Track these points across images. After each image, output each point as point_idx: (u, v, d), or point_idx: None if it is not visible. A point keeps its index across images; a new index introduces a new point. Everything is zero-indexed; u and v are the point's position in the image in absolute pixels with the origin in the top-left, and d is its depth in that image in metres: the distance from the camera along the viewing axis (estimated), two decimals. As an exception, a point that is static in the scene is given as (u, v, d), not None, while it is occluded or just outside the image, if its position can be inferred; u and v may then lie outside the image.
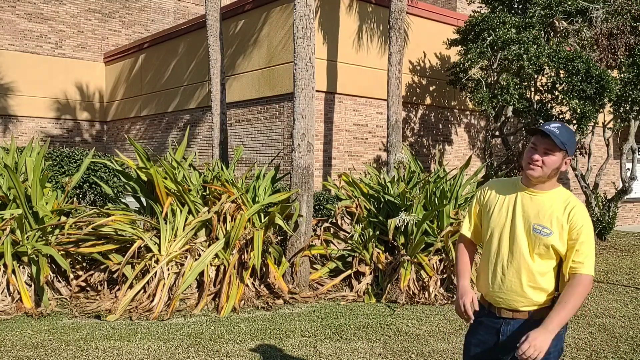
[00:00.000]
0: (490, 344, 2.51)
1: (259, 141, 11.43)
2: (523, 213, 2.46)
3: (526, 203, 2.47)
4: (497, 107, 10.04)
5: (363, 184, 8.12)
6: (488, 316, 2.54)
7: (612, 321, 6.12)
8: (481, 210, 2.65)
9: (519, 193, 2.50)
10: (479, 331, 2.57)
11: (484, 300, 2.60)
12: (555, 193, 2.46)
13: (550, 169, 2.40)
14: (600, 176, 12.61)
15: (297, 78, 7.31)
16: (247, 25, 11.76)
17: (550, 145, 2.37)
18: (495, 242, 2.51)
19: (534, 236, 2.41)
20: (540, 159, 2.39)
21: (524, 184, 2.51)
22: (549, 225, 2.39)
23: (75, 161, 8.69)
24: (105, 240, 6.62)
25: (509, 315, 2.46)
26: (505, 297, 2.46)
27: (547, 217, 2.40)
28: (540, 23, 9.86)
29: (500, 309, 2.49)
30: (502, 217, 2.51)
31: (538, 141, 2.41)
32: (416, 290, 6.88)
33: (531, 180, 2.45)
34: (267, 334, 5.43)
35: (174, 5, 18.58)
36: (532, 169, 2.41)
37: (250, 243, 6.62)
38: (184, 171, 7.48)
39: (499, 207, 2.54)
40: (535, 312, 2.42)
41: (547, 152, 2.39)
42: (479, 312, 2.58)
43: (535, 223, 2.41)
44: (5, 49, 15.66)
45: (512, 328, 2.44)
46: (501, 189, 2.59)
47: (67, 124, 16.79)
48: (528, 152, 2.44)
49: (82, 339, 5.22)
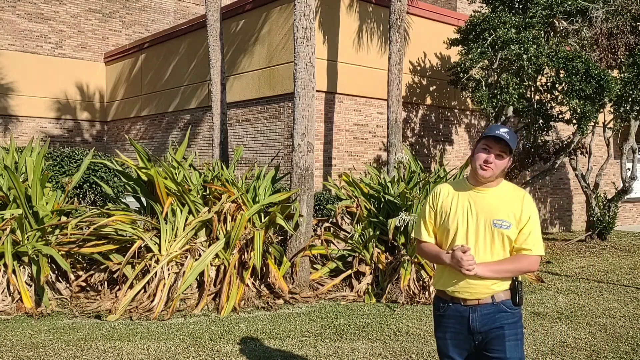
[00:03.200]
0: (464, 333, 2.66)
1: (259, 141, 11.43)
2: (479, 210, 2.64)
3: (479, 201, 2.65)
4: (497, 107, 10.04)
5: (363, 184, 8.12)
6: (454, 308, 2.68)
7: (612, 321, 6.12)
8: (436, 215, 2.77)
9: (470, 192, 2.69)
10: (449, 324, 2.70)
11: (445, 295, 2.72)
12: (503, 187, 2.68)
13: (499, 170, 2.62)
14: (601, 176, 12.61)
15: (297, 78, 7.31)
16: (248, 25, 11.76)
17: (504, 148, 2.59)
18: (460, 241, 2.64)
19: (495, 230, 2.59)
20: (493, 161, 2.60)
21: (471, 184, 2.70)
22: (507, 218, 2.60)
23: (75, 161, 8.70)
24: (106, 240, 6.62)
25: (474, 302, 2.63)
26: (473, 290, 2.61)
27: (504, 210, 2.61)
28: (540, 23, 9.86)
29: (465, 299, 2.64)
30: (459, 218, 2.66)
31: (491, 144, 2.61)
32: (416, 290, 6.88)
33: (481, 180, 2.64)
34: (268, 334, 5.43)
35: (174, 5, 18.59)
36: (485, 169, 2.60)
37: (251, 243, 6.62)
38: (184, 171, 7.48)
39: (454, 208, 2.69)
40: (495, 296, 2.62)
41: (500, 155, 2.60)
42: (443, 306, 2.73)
43: (494, 218, 2.60)
44: (6, 49, 15.66)
45: (479, 313, 2.62)
46: (452, 191, 2.75)
47: (68, 124, 16.79)
48: (481, 154, 2.63)
49: (83, 339, 5.22)
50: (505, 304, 2.62)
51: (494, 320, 2.61)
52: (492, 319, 2.61)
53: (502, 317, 2.61)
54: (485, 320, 2.61)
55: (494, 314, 2.61)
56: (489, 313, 2.61)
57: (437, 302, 2.78)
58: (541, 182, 14.45)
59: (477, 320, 2.62)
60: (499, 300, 2.61)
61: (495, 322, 2.61)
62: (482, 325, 2.61)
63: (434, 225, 2.77)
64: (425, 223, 2.80)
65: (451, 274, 2.65)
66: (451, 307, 2.68)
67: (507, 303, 2.63)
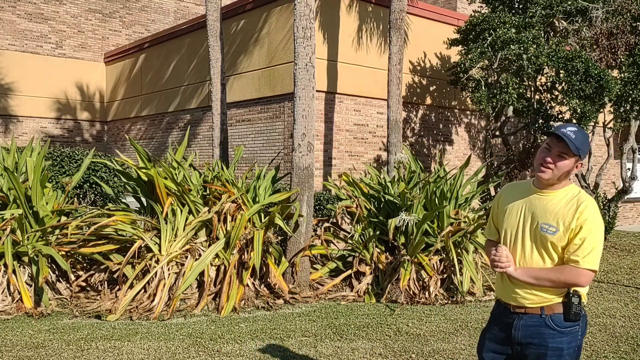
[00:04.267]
0: (502, 338, 2.58)
1: (259, 141, 11.44)
2: (532, 213, 2.51)
3: (535, 203, 2.51)
4: (497, 107, 10.04)
5: (363, 183, 8.12)
6: (503, 312, 2.61)
7: (612, 321, 6.12)
8: (497, 214, 2.71)
9: (531, 195, 2.55)
10: (494, 327, 2.65)
11: (500, 301, 2.67)
12: (564, 191, 2.48)
13: (561, 172, 2.42)
14: (601, 176, 12.61)
15: (297, 78, 7.31)
16: (248, 25, 11.76)
17: (565, 149, 2.39)
18: (508, 243, 2.58)
19: (540, 235, 2.45)
20: (553, 161, 2.41)
21: (535, 186, 2.55)
22: (554, 223, 2.42)
23: (75, 161, 8.70)
24: (106, 240, 6.62)
25: (522, 310, 2.51)
26: (517, 295, 2.51)
27: (554, 215, 2.44)
28: (540, 23, 9.86)
29: (513, 305, 2.54)
30: (513, 219, 2.57)
31: (552, 143, 2.43)
32: (416, 290, 6.88)
33: (541, 181, 2.49)
34: (268, 334, 5.44)
35: (174, 5, 18.59)
36: (543, 171, 2.44)
37: (251, 243, 6.62)
38: (184, 171, 7.48)
39: (510, 210, 2.60)
40: (546, 307, 2.46)
41: (560, 155, 2.41)
42: (496, 309, 2.68)
43: (542, 222, 2.45)
44: (6, 49, 15.66)
45: (524, 323, 2.49)
46: (514, 192, 2.64)
47: (68, 124, 16.79)
48: (541, 154, 2.47)
49: (83, 339, 5.22)
50: (554, 318, 2.43)
51: (538, 335, 2.44)
52: (536, 333, 2.44)
53: (547, 334, 2.43)
54: (528, 332, 2.46)
55: (539, 327, 2.43)
56: (534, 325, 2.45)
57: (495, 304, 2.72)
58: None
59: (520, 329, 2.48)
60: (549, 312, 2.43)
61: (537, 337, 2.44)
62: (523, 337, 2.47)
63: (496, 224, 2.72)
64: (490, 222, 2.76)
65: (499, 278, 2.59)
66: (501, 310, 2.61)
67: (557, 318, 2.42)
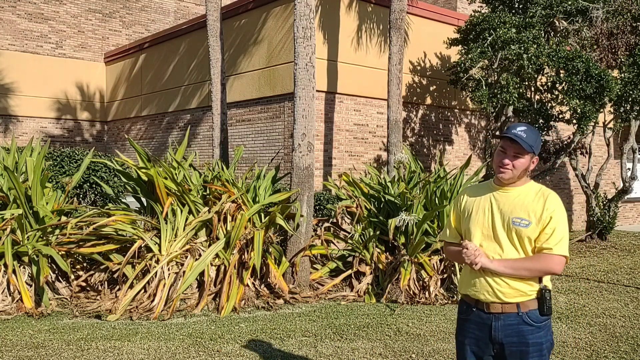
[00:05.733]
0: (484, 340, 2.60)
1: (259, 141, 11.43)
2: (499, 209, 2.59)
3: (500, 200, 2.61)
4: (497, 107, 10.04)
5: (363, 183, 8.12)
6: (477, 313, 2.62)
7: (612, 321, 6.12)
8: (459, 217, 2.76)
9: (494, 192, 2.65)
10: (470, 329, 2.66)
11: (469, 299, 2.67)
12: (528, 187, 2.61)
13: (519, 170, 2.55)
14: (601, 176, 12.60)
15: (297, 78, 7.31)
16: (248, 25, 11.76)
17: (519, 149, 2.52)
18: (477, 240, 2.62)
19: (513, 229, 2.53)
20: (510, 162, 2.54)
21: (496, 184, 2.66)
22: (526, 216, 2.52)
23: (75, 161, 8.70)
24: (106, 240, 6.62)
25: (498, 309, 2.55)
26: (494, 289, 2.55)
27: (524, 209, 2.54)
28: (540, 23, 9.86)
29: (488, 304, 2.57)
30: (482, 217, 2.63)
31: (507, 145, 2.55)
32: (416, 290, 6.88)
33: (502, 181, 2.60)
34: (268, 334, 5.44)
35: (174, 5, 18.58)
36: (503, 172, 2.56)
37: (251, 243, 6.62)
38: (184, 171, 7.48)
39: (476, 209, 2.66)
40: (522, 304, 2.53)
41: (516, 155, 2.54)
42: (466, 310, 2.68)
43: (514, 216, 2.54)
44: (6, 49, 15.66)
45: (503, 323, 2.54)
46: (475, 193, 2.73)
47: (68, 124, 16.79)
48: (498, 156, 2.59)
49: (83, 339, 5.22)
50: (531, 315, 2.52)
51: (518, 333, 2.52)
52: (516, 331, 2.52)
53: (526, 330, 2.51)
54: (509, 331, 2.53)
55: (518, 325, 2.52)
56: (513, 324, 2.52)
57: (461, 306, 2.73)
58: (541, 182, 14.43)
59: (500, 330, 2.54)
60: (525, 310, 2.52)
61: (517, 335, 2.52)
62: (504, 336, 2.54)
63: (458, 227, 2.76)
64: (450, 226, 2.80)
65: (471, 274, 2.62)
66: (474, 312, 2.62)
67: (534, 314, 2.52)
